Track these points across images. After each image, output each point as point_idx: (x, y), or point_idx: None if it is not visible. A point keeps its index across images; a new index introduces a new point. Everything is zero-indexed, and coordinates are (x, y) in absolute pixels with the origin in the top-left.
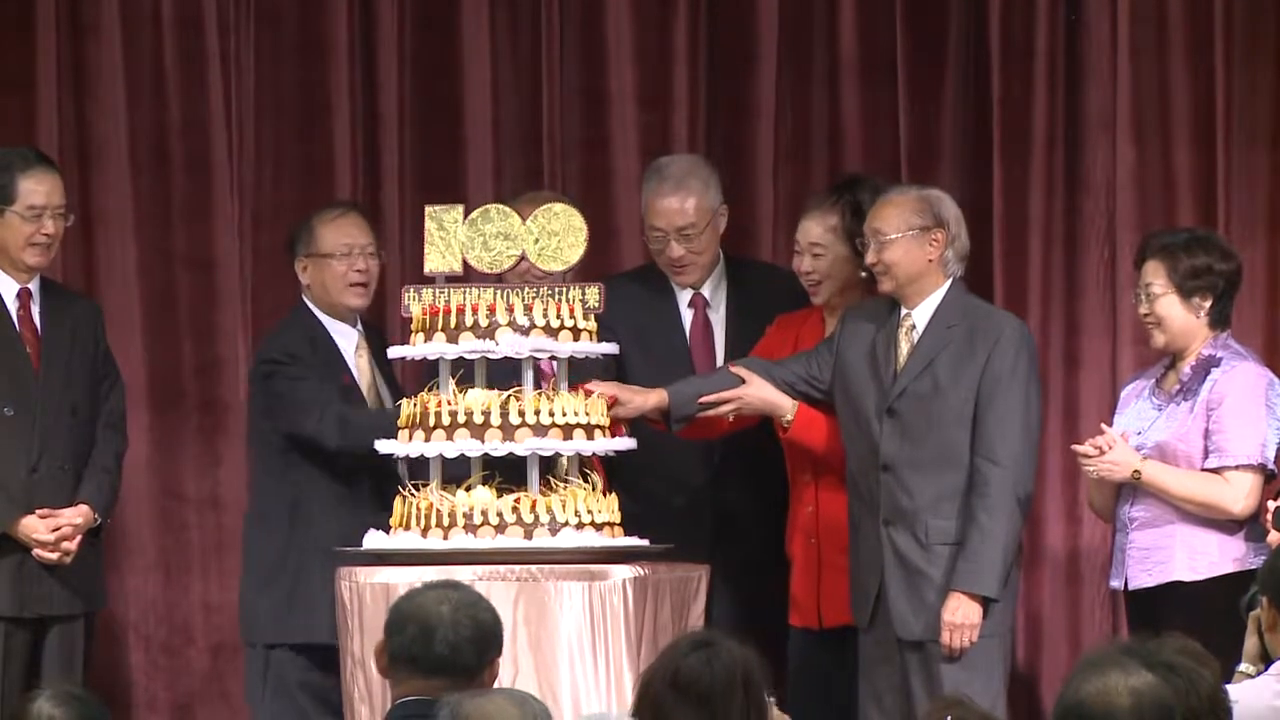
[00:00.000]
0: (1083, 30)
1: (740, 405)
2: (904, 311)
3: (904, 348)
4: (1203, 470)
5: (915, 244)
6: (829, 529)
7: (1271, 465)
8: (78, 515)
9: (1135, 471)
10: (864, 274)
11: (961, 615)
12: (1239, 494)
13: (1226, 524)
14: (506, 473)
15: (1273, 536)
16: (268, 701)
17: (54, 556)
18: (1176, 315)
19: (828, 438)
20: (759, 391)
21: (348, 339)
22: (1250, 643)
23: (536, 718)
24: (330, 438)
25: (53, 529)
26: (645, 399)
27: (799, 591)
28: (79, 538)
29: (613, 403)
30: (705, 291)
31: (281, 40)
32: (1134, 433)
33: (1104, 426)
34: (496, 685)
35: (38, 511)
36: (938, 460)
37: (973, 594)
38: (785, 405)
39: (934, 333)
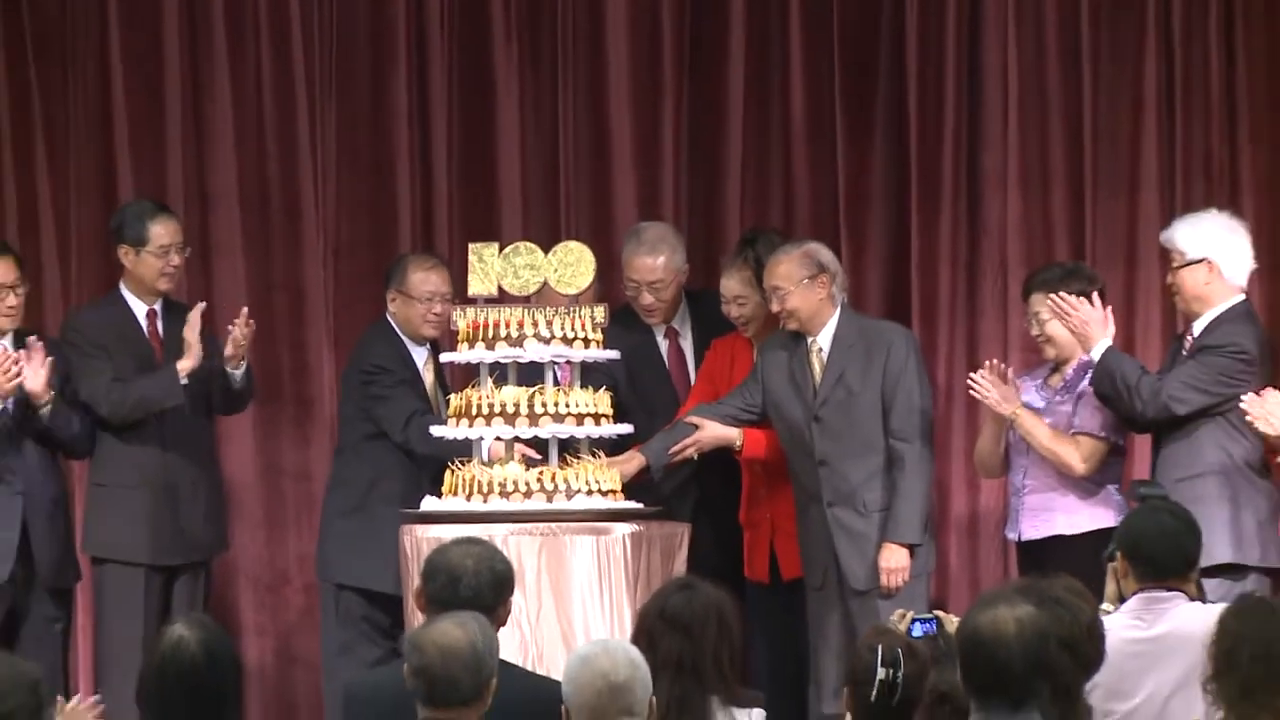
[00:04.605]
0: (981, 103)
1: (700, 447)
2: (810, 339)
3: (816, 367)
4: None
5: (808, 290)
6: (778, 507)
7: (1117, 439)
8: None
9: (1014, 411)
10: None
11: (894, 561)
12: (1083, 455)
13: (1097, 491)
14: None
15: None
16: (335, 630)
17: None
18: (1063, 334)
19: (773, 448)
20: (712, 432)
21: (420, 357)
22: (1110, 587)
23: (475, 633)
24: (417, 444)
25: None
26: (630, 466)
27: (757, 556)
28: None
29: None
30: (676, 325)
31: (356, 109)
32: None
33: (1017, 375)
34: (515, 618)
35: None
36: (861, 449)
37: (901, 543)
38: (734, 435)
39: (839, 352)
